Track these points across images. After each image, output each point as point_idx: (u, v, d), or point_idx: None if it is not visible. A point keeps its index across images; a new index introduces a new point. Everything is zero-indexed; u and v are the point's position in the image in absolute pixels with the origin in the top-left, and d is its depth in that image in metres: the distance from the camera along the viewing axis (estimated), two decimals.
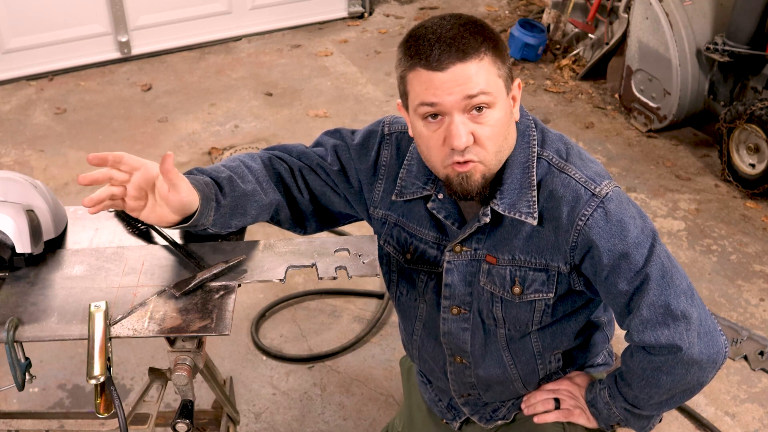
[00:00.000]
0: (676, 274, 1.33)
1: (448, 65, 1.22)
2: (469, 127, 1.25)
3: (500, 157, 1.32)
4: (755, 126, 3.21)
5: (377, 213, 1.52)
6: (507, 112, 1.29)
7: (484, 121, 1.26)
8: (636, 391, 1.43)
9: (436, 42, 1.23)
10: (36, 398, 2.41)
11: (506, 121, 1.29)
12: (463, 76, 1.23)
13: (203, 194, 1.31)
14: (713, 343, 1.35)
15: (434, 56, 1.22)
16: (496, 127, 1.27)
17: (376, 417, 2.38)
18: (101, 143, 3.77)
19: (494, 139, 1.28)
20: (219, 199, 1.34)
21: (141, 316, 1.27)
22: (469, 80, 1.23)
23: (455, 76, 1.23)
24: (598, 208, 1.31)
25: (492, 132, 1.27)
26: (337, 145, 1.52)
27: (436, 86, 1.24)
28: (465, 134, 1.25)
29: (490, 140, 1.27)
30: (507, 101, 1.29)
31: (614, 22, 4.19)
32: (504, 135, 1.30)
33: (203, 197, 1.30)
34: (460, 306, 1.48)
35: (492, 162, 1.30)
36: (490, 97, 1.24)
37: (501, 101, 1.27)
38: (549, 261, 1.38)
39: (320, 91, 4.24)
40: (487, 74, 1.24)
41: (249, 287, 2.80)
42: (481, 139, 1.27)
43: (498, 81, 1.26)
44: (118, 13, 4.36)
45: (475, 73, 1.23)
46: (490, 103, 1.25)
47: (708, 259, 3.03)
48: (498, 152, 1.30)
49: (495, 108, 1.26)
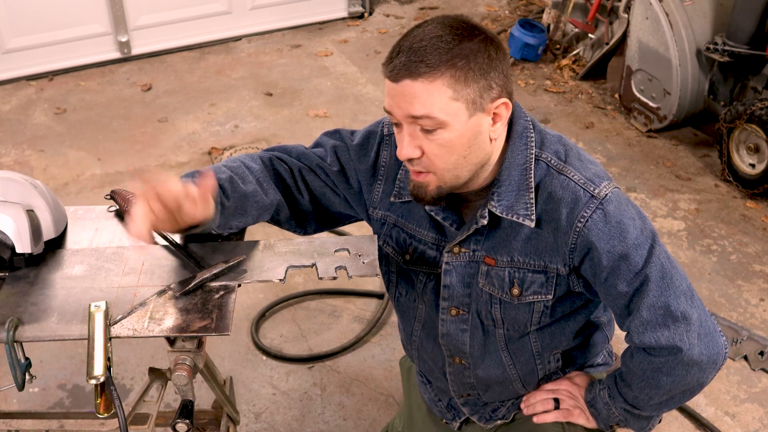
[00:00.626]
0: (675, 275, 1.33)
1: (400, 78, 1.23)
2: (417, 141, 1.26)
3: (458, 173, 1.30)
4: (755, 126, 3.21)
5: (376, 214, 1.52)
6: (465, 133, 1.25)
7: (434, 138, 1.25)
8: (636, 392, 1.43)
9: (402, 52, 1.23)
10: (36, 398, 2.41)
11: (463, 141, 1.26)
12: (411, 93, 1.22)
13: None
14: (713, 344, 1.35)
15: (393, 65, 1.24)
16: (447, 147, 1.26)
17: (376, 417, 2.38)
18: (101, 143, 3.77)
19: (443, 158, 1.27)
20: (224, 202, 1.35)
21: (141, 316, 1.27)
22: (415, 100, 1.22)
23: (404, 91, 1.23)
24: (597, 209, 1.31)
25: (441, 150, 1.26)
26: (337, 146, 1.52)
27: (391, 96, 1.26)
28: (408, 147, 1.26)
29: (438, 158, 1.27)
30: (469, 122, 1.25)
31: (614, 22, 4.19)
32: (460, 153, 1.27)
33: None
34: (459, 307, 1.48)
35: (446, 177, 1.29)
36: (435, 122, 1.23)
37: (455, 123, 1.24)
38: (548, 263, 1.37)
39: (320, 91, 4.24)
40: (436, 98, 1.21)
41: (249, 287, 2.80)
42: (428, 154, 1.27)
43: (452, 104, 1.22)
44: (118, 13, 4.37)
45: (423, 95, 1.21)
46: (436, 126, 1.23)
47: (708, 259, 3.03)
48: (453, 169, 1.29)
49: (446, 129, 1.24)
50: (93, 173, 3.55)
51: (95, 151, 3.71)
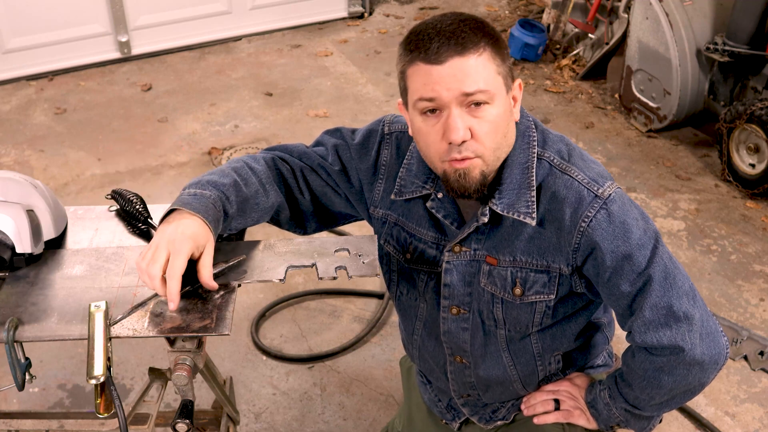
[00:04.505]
0: (678, 275, 1.33)
1: (447, 58, 1.22)
2: (466, 122, 1.25)
3: (498, 155, 1.31)
4: (755, 126, 3.21)
5: (377, 212, 1.52)
6: (506, 110, 1.29)
7: (482, 116, 1.25)
8: (637, 392, 1.43)
9: (436, 36, 1.23)
10: (36, 398, 2.41)
11: (505, 118, 1.29)
12: (462, 70, 1.22)
13: (213, 218, 1.30)
14: (715, 344, 1.35)
15: (433, 49, 1.23)
16: (494, 123, 1.27)
17: (376, 417, 2.38)
18: (101, 143, 3.77)
19: (492, 135, 1.27)
20: (227, 211, 1.35)
21: (141, 316, 1.27)
22: (468, 76, 1.23)
23: (453, 69, 1.22)
24: (601, 209, 1.31)
25: (490, 128, 1.27)
26: (338, 145, 1.51)
27: (435, 80, 1.24)
28: (462, 128, 1.24)
29: (488, 136, 1.27)
30: (506, 99, 1.29)
31: (614, 22, 4.19)
32: (503, 132, 1.29)
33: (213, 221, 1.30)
34: (460, 306, 1.48)
35: (490, 158, 1.30)
36: (487, 95, 1.24)
37: (500, 98, 1.27)
38: (550, 262, 1.37)
39: (320, 91, 4.24)
40: (485, 70, 1.24)
41: (249, 287, 2.80)
42: (478, 134, 1.26)
43: (497, 78, 1.26)
44: (118, 13, 4.37)
45: (474, 68, 1.23)
46: (488, 100, 1.25)
47: (708, 259, 3.03)
48: (496, 149, 1.30)
49: (493, 104, 1.26)
50: (93, 173, 3.55)
51: (95, 151, 3.71)
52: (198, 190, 1.33)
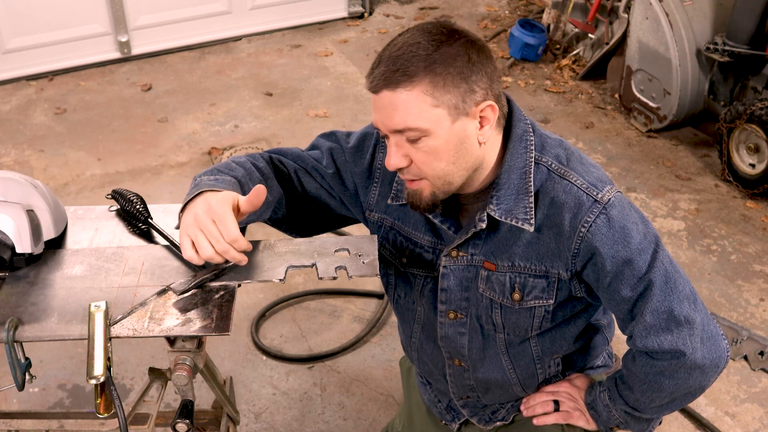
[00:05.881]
0: (679, 279, 1.33)
1: (379, 89, 1.22)
2: (403, 150, 1.26)
3: (449, 179, 1.29)
4: (755, 126, 3.21)
5: (373, 216, 1.51)
6: (451, 139, 1.24)
7: (419, 147, 1.25)
8: (637, 395, 1.43)
9: (382, 62, 1.23)
10: (36, 398, 2.41)
11: (449, 147, 1.25)
12: (391, 104, 1.22)
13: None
14: (716, 347, 1.35)
15: (372, 77, 1.23)
16: (433, 155, 1.25)
17: (376, 417, 2.38)
18: (101, 143, 3.77)
19: (432, 164, 1.26)
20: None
21: (141, 316, 1.27)
22: (395, 111, 1.22)
23: (384, 103, 1.23)
24: (600, 214, 1.30)
25: (428, 158, 1.25)
26: (333, 148, 1.51)
27: (374, 107, 1.26)
28: (395, 157, 1.26)
29: (426, 165, 1.26)
30: (453, 128, 1.23)
31: (614, 22, 4.19)
32: (448, 160, 1.26)
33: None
34: (457, 311, 1.47)
35: (438, 183, 1.29)
36: (416, 133, 1.23)
37: (438, 130, 1.23)
38: (549, 268, 1.37)
39: (320, 91, 4.24)
40: (416, 107, 1.21)
41: (249, 287, 2.80)
42: (416, 162, 1.26)
43: (433, 111, 1.21)
44: (118, 13, 4.36)
45: (402, 105, 1.21)
46: (419, 136, 1.23)
47: (708, 259, 3.03)
48: (443, 176, 1.28)
49: (430, 137, 1.23)
50: (93, 173, 3.55)
51: (95, 151, 3.71)
52: (217, 176, 1.34)
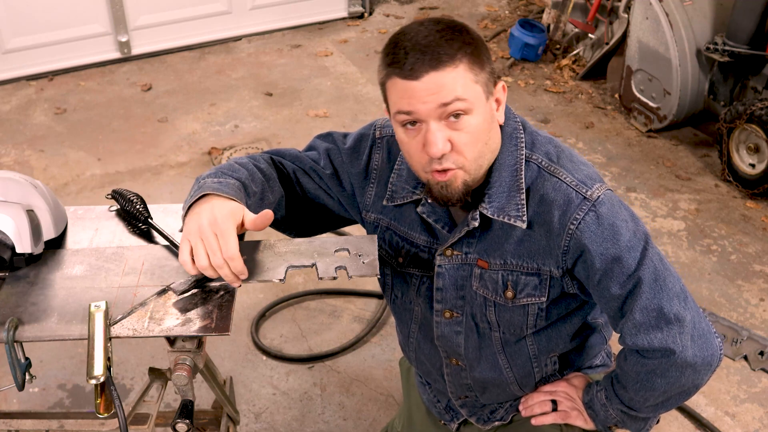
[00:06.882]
0: (668, 277, 1.32)
1: (422, 74, 1.21)
2: (445, 134, 1.25)
3: (481, 163, 1.30)
4: (755, 126, 3.21)
5: (369, 216, 1.52)
6: (486, 117, 1.28)
7: (462, 127, 1.24)
8: (631, 394, 1.43)
9: (411, 50, 1.22)
10: (36, 398, 2.41)
11: (486, 126, 1.28)
12: (437, 84, 1.22)
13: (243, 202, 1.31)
14: (707, 345, 1.34)
15: (408, 65, 1.22)
16: (474, 134, 1.26)
17: (376, 417, 2.38)
18: (101, 143, 3.77)
19: (473, 145, 1.27)
20: (248, 199, 1.35)
21: (141, 316, 1.27)
22: (443, 88, 1.22)
23: (428, 85, 1.22)
24: (589, 211, 1.30)
25: (470, 138, 1.26)
26: (330, 149, 1.51)
27: (411, 95, 1.23)
28: (441, 141, 1.24)
29: (468, 146, 1.26)
30: (487, 106, 1.27)
31: (614, 22, 4.19)
32: (484, 140, 1.28)
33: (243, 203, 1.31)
34: (452, 310, 1.47)
35: (472, 168, 1.29)
36: (466, 104, 1.23)
37: (479, 107, 1.25)
38: (541, 265, 1.37)
39: (320, 91, 4.24)
40: (462, 81, 1.22)
41: (249, 287, 2.80)
42: (458, 145, 1.26)
43: (475, 87, 1.24)
44: (118, 13, 4.37)
45: (450, 81, 1.21)
46: (466, 110, 1.23)
47: (708, 259, 3.03)
48: (478, 158, 1.29)
49: (472, 114, 1.25)
50: (93, 173, 3.55)
51: (95, 151, 3.71)
52: (221, 178, 1.33)
